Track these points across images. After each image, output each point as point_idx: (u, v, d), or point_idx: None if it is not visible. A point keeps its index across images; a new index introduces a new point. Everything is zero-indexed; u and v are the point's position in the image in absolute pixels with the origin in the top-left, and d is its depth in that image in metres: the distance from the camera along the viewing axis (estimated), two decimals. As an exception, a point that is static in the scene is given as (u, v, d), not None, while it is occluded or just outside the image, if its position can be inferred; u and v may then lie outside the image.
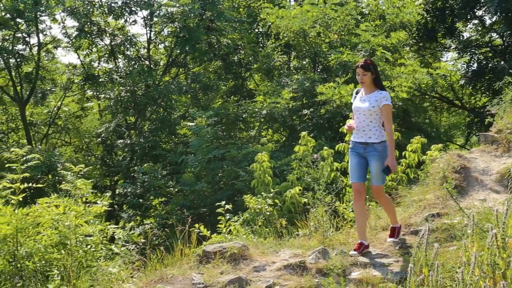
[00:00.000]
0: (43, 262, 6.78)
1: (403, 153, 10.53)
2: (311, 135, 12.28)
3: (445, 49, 24.94)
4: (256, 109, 17.67)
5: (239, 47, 22.33)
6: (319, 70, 19.28)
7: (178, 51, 22.47)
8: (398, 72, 16.12)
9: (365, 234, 6.93)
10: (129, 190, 17.67)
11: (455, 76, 24.21)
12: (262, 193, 9.50)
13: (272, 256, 6.83)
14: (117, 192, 20.90)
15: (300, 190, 9.91)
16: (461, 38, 22.97)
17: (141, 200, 17.05)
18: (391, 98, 6.96)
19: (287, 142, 18.38)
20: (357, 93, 7.11)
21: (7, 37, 21.94)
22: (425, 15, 21.39)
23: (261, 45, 23.04)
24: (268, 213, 8.83)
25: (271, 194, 9.47)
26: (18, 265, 6.62)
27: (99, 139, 22.79)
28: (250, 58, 22.15)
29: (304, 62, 20.78)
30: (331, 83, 15.89)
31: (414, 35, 21.66)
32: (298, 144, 10.93)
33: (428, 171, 9.38)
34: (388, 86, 15.55)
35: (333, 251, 6.75)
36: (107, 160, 22.94)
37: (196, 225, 8.09)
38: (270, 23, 20.14)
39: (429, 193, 8.32)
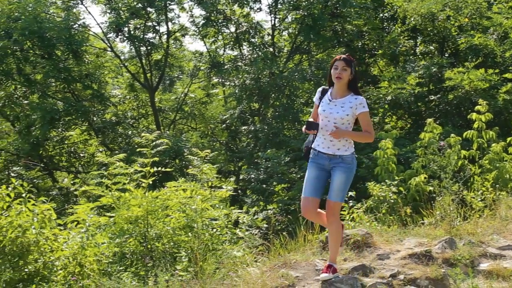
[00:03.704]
0: (172, 243, 7.01)
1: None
2: (437, 122, 11.95)
3: None
4: (381, 95, 17.37)
5: (364, 33, 22.03)
6: (447, 55, 18.67)
7: (302, 38, 22.49)
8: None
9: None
10: (252, 175, 17.92)
11: None
12: (386, 180, 9.36)
13: (396, 245, 6.72)
14: (241, 178, 21.29)
15: (425, 178, 9.71)
16: None
17: (264, 186, 17.25)
18: (367, 104, 6.08)
19: (412, 129, 17.99)
20: (322, 93, 6.05)
21: (139, 26, 22.79)
22: None
23: (386, 30, 22.60)
24: (392, 201, 8.70)
25: (395, 182, 9.32)
26: (149, 246, 6.89)
27: (224, 125, 23.28)
28: (375, 44, 21.80)
29: (431, 47, 20.20)
30: (460, 68, 15.37)
31: (551, 16, 20.45)
32: (423, 131, 10.67)
33: None
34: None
35: (461, 241, 6.55)
36: (232, 146, 23.41)
37: (319, 212, 8.08)
38: (397, 7, 19.70)
39: None
